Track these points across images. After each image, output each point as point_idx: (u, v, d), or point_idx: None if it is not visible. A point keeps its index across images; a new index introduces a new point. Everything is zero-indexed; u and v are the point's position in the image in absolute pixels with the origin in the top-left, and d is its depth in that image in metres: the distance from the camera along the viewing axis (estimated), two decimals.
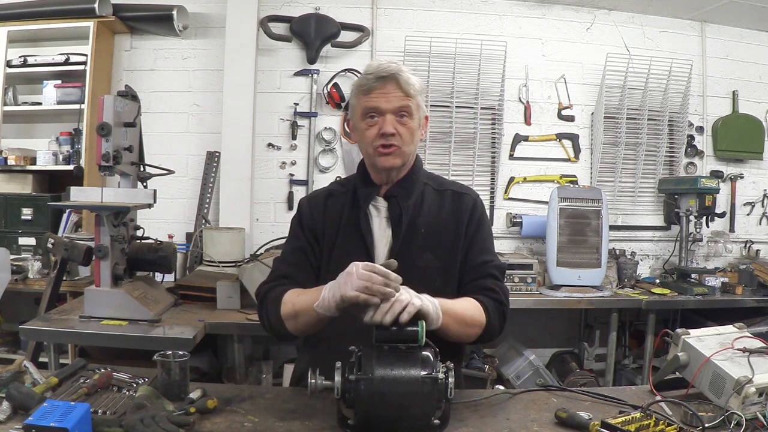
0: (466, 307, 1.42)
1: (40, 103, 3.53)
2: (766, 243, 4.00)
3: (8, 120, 3.52)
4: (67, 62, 3.44)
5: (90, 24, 3.36)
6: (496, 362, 3.41)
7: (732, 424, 1.26)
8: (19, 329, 2.20)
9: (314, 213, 1.60)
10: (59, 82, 3.48)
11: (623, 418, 1.26)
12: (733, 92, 4.00)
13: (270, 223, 3.70)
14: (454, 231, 1.54)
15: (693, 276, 3.51)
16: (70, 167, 3.36)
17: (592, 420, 1.25)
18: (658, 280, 3.65)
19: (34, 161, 3.47)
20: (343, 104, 3.64)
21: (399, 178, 1.56)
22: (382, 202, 1.56)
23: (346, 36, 3.66)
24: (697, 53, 3.96)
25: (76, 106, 3.40)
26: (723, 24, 3.96)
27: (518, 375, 3.40)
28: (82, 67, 3.39)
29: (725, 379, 1.34)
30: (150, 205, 2.31)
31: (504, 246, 3.77)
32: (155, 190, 2.33)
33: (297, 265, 1.55)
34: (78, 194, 2.28)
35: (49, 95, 3.48)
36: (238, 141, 3.48)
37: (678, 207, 3.48)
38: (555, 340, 3.87)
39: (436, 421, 1.20)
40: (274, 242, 3.16)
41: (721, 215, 3.62)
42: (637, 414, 1.29)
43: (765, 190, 4.08)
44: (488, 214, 2.68)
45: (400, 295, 1.21)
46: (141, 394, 1.29)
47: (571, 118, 3.89)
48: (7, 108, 3.46)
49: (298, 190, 3.70)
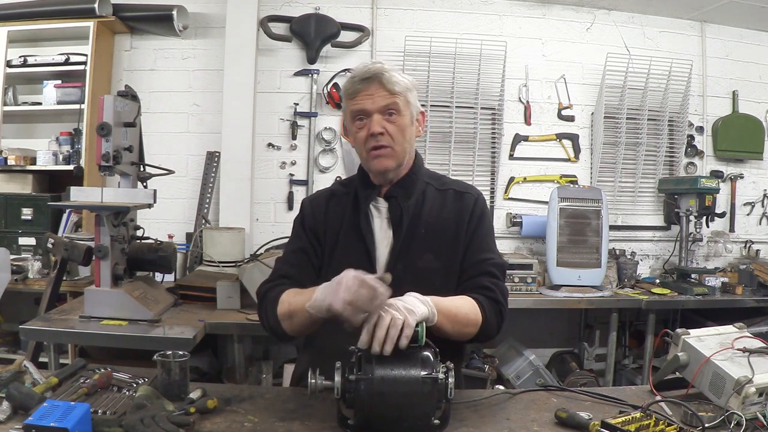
0: (460, 306, 1.41)
1: (40, 103, 3.53)
2: (766, 243, 4.00)
3: (8, 120, 3.52)
4: (67, 62, 3.44)
5: (90, 24, 3.36)
6: (496, 362, 3.41)
7: (732, 424, 1.26)
8: (19, 329, 2.20)
9: (316, 213, 1.60)
10: (59, 82, 3.49)
11: (623, 418, 1.26)
12: (733, 92, 4.00)
13: (270, 223, 3.70)
14: (455, 231, 1.53)
15: (693, 276, 3.51)
16: (70, 167, 3.36)
17: (592, 420, 1.25)
18: (658, 280, 3.65)
19: (34, 161, 3.47)
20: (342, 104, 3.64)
21: (399, 178, 1.55)
22: (383, 203, 1.56)
23: (346, 36, 3.66)
24: (697, 53, 3.96)
25: (76, 106, 3.40)
26: (723, 24, 3.96)
27: (518, 375, 3.40)
28: (82, 67, 3.39)
29: (725, 379, 1.33)
30: (150, 205, 2.31)
31: (504, 246, 3.77)
32: (155, 190, 2.33)
33: (298, 265, 1.55)
34: (78, 194, 2.28)
35: (49, 95, 3.48)
36: (238, 141, 3.48)
37: (678, 207, 3.48)
38: (555, 340, 3.87)
39: (436, 421, 1.20)
40: (274, 242, 3.16)
41: (721, 215, 3.62)
42: (637, 414, 1.29)
43: (765, 190, 4.08)
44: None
45: (395, 315, 1.18)
46: (141, 394, 1.29)
47: (571, 118, 3.89)
48: (7, 108, 3.46)
49: (298, 190, 3.70)
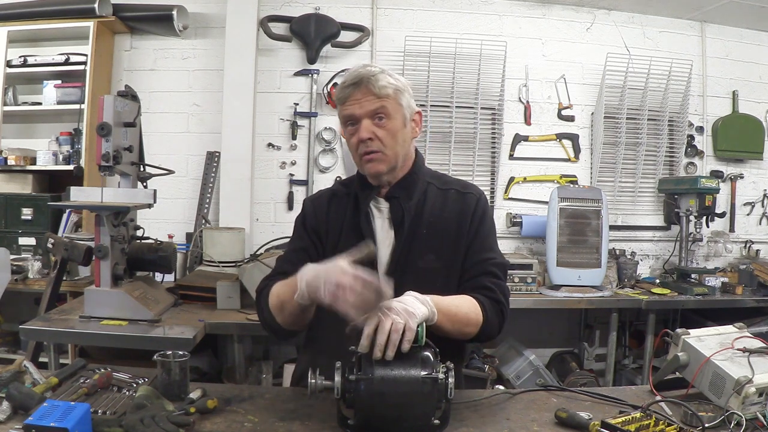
0: (460, 305, 1.40)
1: (40, 103, 3.53)
2: (766, 243, 4.00)
3: (8, 120, 3.52)
4: (67, 62, 3.44)
5: (90, 24, 3.36)
6: (496, 362, 3.41)
7: (732, 424, 1.26)
8: (19, 329, 2.20)
9: (318, 213, 1.59)
10: (59, 82, 3.48)
11: (623, 418, 1.26)
12: (733, 92, 4.00)
13: (270, 223, 3.70)
14: (456, 230, 1.53)
15: (693, 276, 3.51)
16: (70, 167, 3.36)
17: (592, 420, 1.25)
18: (658, 280, 3.65)
19: (34, 161, 3.47)
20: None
21: (399, 178, 1.55)
22: (384, 203, 1.55)
23: (346, 36, 3.66)
24: (697, 53, 3.96)
25: (76, 106, 3.40)
26: (723, 24, 3.96)
27: (518, 375, 3.40)
28: (82, 67, 3.39)
29: (725, 379, 1.33)
30: (150, 205, 2.31)
31: (504, 246, 3.77)
32: (155, 190, 2.33)
33: (298, 263, 1.53)
34: (78, 194, 2.28)
35: (49, 95, 3.48)
36: (238, 141, 3.48)
37: (678, 207, 3.48)
38: (555, 340, 3.87)
39: (436, 421, 1.20)
40: (274, 242, 3.16)
41: (721, 215, 3.62)
42: (637, 414, 1.29)
43: (765, 190, 4.08)
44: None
45: (396, 319, 1.17)
46: (141, 394, 1.29)
47: (571, 118, 3.89)
48: (7, 108, 3.46)
49: (298, 190, 3.70)
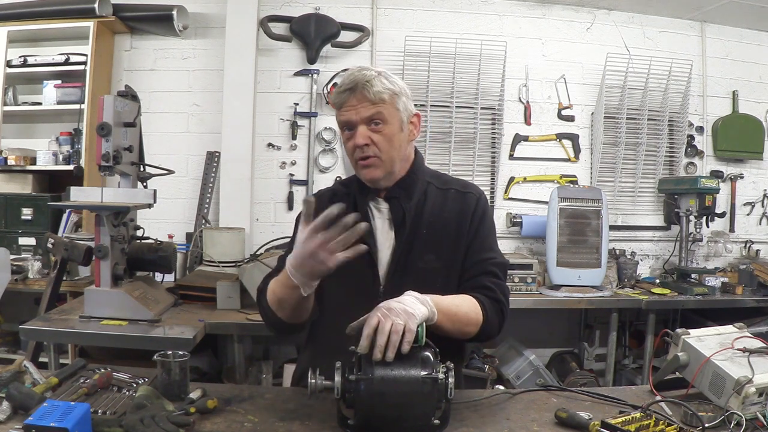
0: (460, 304, 1.41)
1: (40, 103, 3.53)
2: (766, 243, 4.00)
3: (8, 120, 3.52)
4: (67, 62, 3.44)
5: (90, 24, 3.36)
6: (496, 362, 3.41)
7: (732, 424, 1.26)
8: (19, 329, 2.20)
9: (320, 211, 1.59)
10: (59, 82, 3.48)
11: (623, 418, 1.26)
12: (733, 92, 4.00)
13: (270, 223, 3.70)
14: (456, 230, 1.53)
15: (693, 276, 3.51)
16: (70, 167, 3.36)
17: (592, 420, 1.25)
18: (658, 280, 3.65)
19: (34, 161, 3.47)
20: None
21: (399, 179, 1.54)
22: (384, 204, 1.55)
23: (346, 36, 3.66)
24: (697, 53, 3.96)
25: (76, 106, 3.40)
26: (723, 24, 3.96)
27: (518, 375, 3.40)
28: (82, 67, 3.39)
29: (725, 379, 1.33)
30: (150, 205, 2.31)
31: (504, 246, 3.77)
32: (155, 190, 2.33)
33: None
34: (78, 194, 2.28)
35: (49, 95, 3.48)
36: (238, 141, 3.48)
37: (678, 207, 3.48)
38: (555, 340, 3.87)
39: (436, 421, 1.20)
40: (274, 242, 3.16)
41: (721, 215, 3.62)
42: (637, 414, 1.29)
43: (765, 190, 4.08)
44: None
45: (396, 321, 1.17)
46: (141, 394, 1.29)
47: (571, 118, 3.89)
48: (7, 108, 3.46)
49: (298, 190, 3.70)
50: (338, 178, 3.62)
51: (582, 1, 3.80)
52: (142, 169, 2.41)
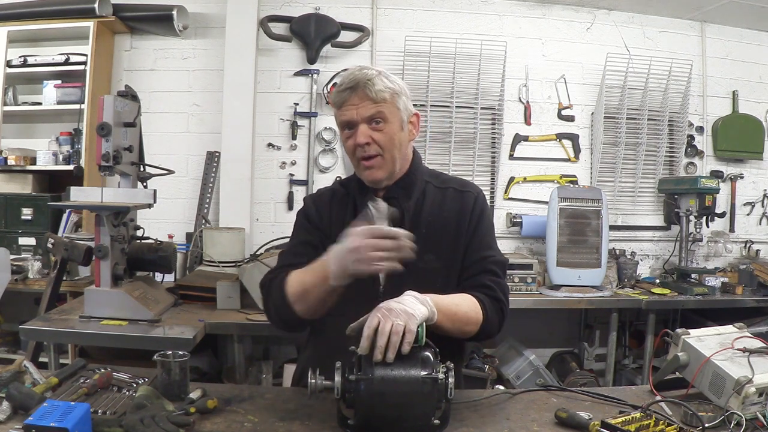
0: (460, 304, 1.40)
1: (40, 103, 3.53)
2: (766, 243, 4.00)
3: (8, 120, 3.52)
4: (67, 62, 3.44)
5: (90, 24, 3.36)
6: (496, 362, 3.41)
7: (732, 424, 1.26)
8: (19, 329, 2.20)
9: (321, 210, 1.58)
10: (59, 82, 3.48)
11: (623, 418, 1.26)
12: (733, 92, 4.00)
13: (270, 223, 3.70)
14: (455, 229, 1.53)
15: (693, 276, 3.51)
16: (70, 167, 3.36)
17: (592, 420, 1.25)
18: (658, 280, 3.65)
19: (34, 161, 3.47)
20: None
21: (397, 178, 1.54)
22: (382, 204, 1.55)
23: (346, 36, 3.66)
24: (697, 53, 3.96)
25: (76, 106, 3.40)
26: (723, 24, 3.96)
27: (518, 375, 3.40)
28: (82, 67, 3.39)
29: (725, 379, 1.33)
30: (150, 205, 2.31)
31: (504, 246, 3.77)
32: (155, 190, 2.33)
33: (305, 255, 1.51)
34: (78, 194, 2.28)
35: (49, 95, 3.48)
36: (238, 141, 3.48)
37: (678, 207, 3.48)
38: (555, 340, 3.87)
39: (436, 421, 1.20)
40: (274, 242, 3.16)
41: (721, 215, 3.62)
42: (637, 414, 1.29)
43: (765, 190, 4.08)
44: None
45: (396, 322, 1.17)
46: (141, 394, 1.29)
47: (571, 118, 3.89)
48: (7, 108, 3.46)
49: (298, 190, 3.70)
50: (338, 178, 3.62)
51: (582, 1, 3.80)
52: (142, 169, 2.41)
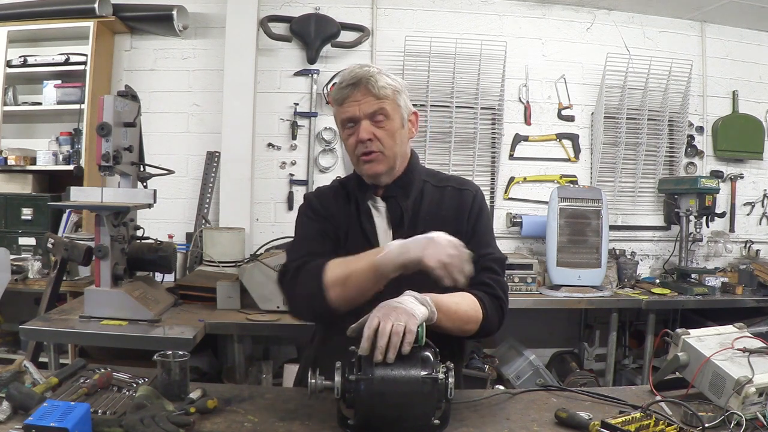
0: (459, 302, 1.40)
1: (40, 103, 3.53)
2: (766, 243, 4.00)
3: (8, 120, 3.52)
4: (67, 62, 3.44)
5: (90, 24, 3.36)
6: (496, 362, 3.41)
7: (732, 424, 1.26)
8: (19, 329, 2.20)
9: (326, 206, 1.57)
10: (59, 82, 3.49)
11: (623, 418, 1.26)
12: (733, 92, 4.00)
13: (270, 223, 3.70)
14: (454, 228, 1.51)
15: (693, 276, 3.51)
16: (70, 167, 3.36)
17: (592, 420, 1.25)
18: (658, 280, 3.65)
19: (34, 161, 3.47)
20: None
21: (395, 178, 1.54)
22: (381, 203, 1.55)
23: (346, 36, 3.66)
24: (697, 53, 3.96)
25: (76, 106, 3.40)
26: (723, 24, 3.96)
27: (518, 375, 3.40)
28: (82, 67, 3.39)
29: (725, 379, 1.33)
30: (150, 205, 2.31)
31: (504, 246, 3.77)
32: (155, 190, 2.33)
33: (325, 244, 1.49)
34: (78, 194, 2.28)
35: (49, 95, 3.48)
36: (238, 141, 3.48)
37: (678, 207, 3.48)
38: (555, 340, 3.87)
39: (436, 421, 1.20)
40: (274, 242, 3.15)
41: (721, 215, 3.62)
42: (637, 414, 1.29)
43: (765, 190, 4.08)
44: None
45: (396, 322, 1.16)
46: (141, 394, 1.29)
47: (571, 118, 3.89)
48: (7, 108, 3.46)
49: (298, 190, 3.70)
50: (338, 178, 3.61)
51: (582, 1, 3.80)
52: (142, 169, 2.41)
